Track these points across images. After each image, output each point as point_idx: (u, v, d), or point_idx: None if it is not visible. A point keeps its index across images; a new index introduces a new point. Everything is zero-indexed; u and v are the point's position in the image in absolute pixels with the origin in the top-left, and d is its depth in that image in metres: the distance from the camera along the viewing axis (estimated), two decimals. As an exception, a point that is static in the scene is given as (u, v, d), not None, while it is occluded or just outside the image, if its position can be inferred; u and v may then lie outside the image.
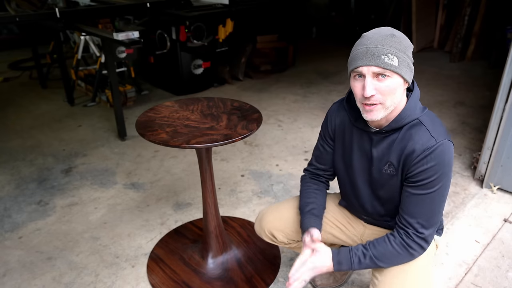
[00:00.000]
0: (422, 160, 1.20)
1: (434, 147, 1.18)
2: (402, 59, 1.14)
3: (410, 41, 1.19)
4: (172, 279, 1.89)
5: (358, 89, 1.19)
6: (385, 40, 1.14)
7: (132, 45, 2.84)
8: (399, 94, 1.18)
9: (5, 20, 3.09)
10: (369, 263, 1.27)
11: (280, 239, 1.59)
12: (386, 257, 1.27)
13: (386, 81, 1.14)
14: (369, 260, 1.26)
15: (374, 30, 1.19)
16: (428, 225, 1.25)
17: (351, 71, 1.19)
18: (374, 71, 1.14)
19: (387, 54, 1.12)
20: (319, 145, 1.51)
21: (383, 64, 1.12)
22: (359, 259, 1.26)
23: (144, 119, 1.70)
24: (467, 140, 3.19)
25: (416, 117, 1.23)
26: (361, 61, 1.15)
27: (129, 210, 2.43)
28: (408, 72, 1.17)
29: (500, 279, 1.88)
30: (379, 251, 1.26)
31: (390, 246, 1.26)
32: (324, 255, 1.29)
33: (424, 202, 1.23)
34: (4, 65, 5.27)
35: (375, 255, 1.26)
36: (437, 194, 1.22)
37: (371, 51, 1.13)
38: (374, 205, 1.41)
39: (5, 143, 3.29)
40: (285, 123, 3.59)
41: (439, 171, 1.19)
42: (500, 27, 4.88)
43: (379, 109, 1.18)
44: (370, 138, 1.31)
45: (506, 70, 2.28)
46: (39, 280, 1.92)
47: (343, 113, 1.40)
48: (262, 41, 4.80)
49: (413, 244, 1.25)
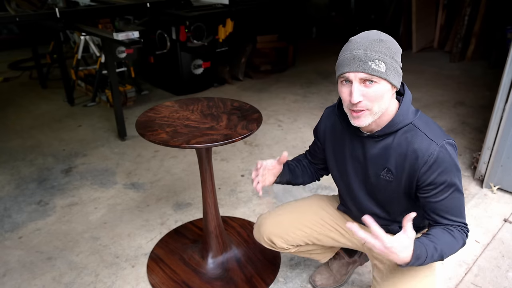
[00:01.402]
0: (430, 168, 1.19)
1: (437, 151, 1.18)
2: (390, 65, 1.13)
3: (398, 45, 1.18)
4: (172, 279, 1.89)
5: (345, 95, 1.18)
6: (372, 45, 1.12)
7: (132, 45, 2.84)
8: (386, 99, 1.17)
9: (5, 20, 3.09)
10: (437, 258, 1.19)
11: (280, 245, 1.59)
12: (450, 250, 1.22)
13: (373, 87, 1.13)
14: (439, 255, 1.18)
15: (361, 35, 1.17)
16: (462, 217, 1.27)
17: (338, 76, 1.18)
18: (361, 77, 1.13)
19: (374, 60, 1.11)
20: (313, 143, 1.57)
21: (370, 70, 1.11)
22: (432, 255, 1.16)
23: (144, 119, 1.70)
24: (467, 140, 3.19)
25: (410, 122, 1.22)
26: (348, 67, 1.13)
27: (129, 210, 2.43)
28: (396, 77, 1.16)
29: (500, 279, 1.88)
30: (446, 245, 1.20)
31: (454, 239, 1.22)
32: (409, 244, 1.10)
33: (451, 201, 1.24)
34: (4, 65, 5.27)
35: (443, 250, 1.19)
36: (458, 190, 1.24)
37: (358, 57, 1.12)
38: (372, 208, 1.40)
39: (5, 143, 3.29)
40: (285, 123, 3.59)
41: (451, 172, 1.20)
42: (500, 27, 4.88)
43: (366, 116, 1.17)
44: (362, 143, 1.31)
45: (506, 70, 2.28)
46: (39, 280, 1.92)
47: (335, 119, 1.40)
48: (262, 41, 4.80)
49: (465, 236, 1.26)
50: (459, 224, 1.26)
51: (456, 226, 1.26)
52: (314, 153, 1.58)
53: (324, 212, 1.59)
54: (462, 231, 1.26)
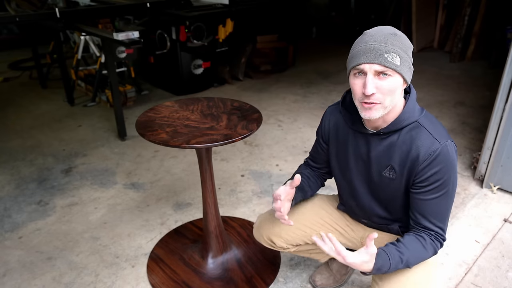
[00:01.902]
0: (429, 164, 1.19)
1: (439, 149, 1.18)
2: (404, 59, 1.13)
3: (410, 41, 1.19)
4: (172, 279, 1.89)
5: (358, 87, 1.17)
6: (388, 38, 1.12)
7: (132, 45, 2.84)
8: (398, 94, 1.18)
9: (5, 20, 3.08)
10: (402, 267, 1.23)
11: (279, 245, 1.59)
12: (417, 259, 1.25)
13: (387, 80, 1.13)
14: (404, 265, 1.23)
15: (376, 28, 1.17)
16: (444, 224, 1.27)
17: (352, 68, 1.17)
18: (376, 69, 1.12)
19: (390, 53, 1.11)
20: (316, 144, 1.53)
21: (386, 62, 1.11)
22: (396, 265, 1.22)
23: (144, 119, 1.70)
24: (467, 140, 3.19)
25: (415, 119, 1.22)
26: (364, 58, 1.13)
27: (129, 210, 2.43)
28: (408, 72, 1.17)
29: (500, 279, 1.88)
30: (413, 255, 1.24)
31: (424, 249, 1.25)
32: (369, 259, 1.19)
33: (438, 204, 1.24)
34: (4, 65, 5.27)
35: (409, 260, 1.23)
36: (448, 194, 1.24)
37: (374, 48, 1.12)
38: (373, 207, 1.40)
39: (5, 143, 3.29)
40: (285, 123, 3.59)
41: (448, 173, 1.20)
42: (500, 27, 4.88)
43: (378, 109, 1.17)
44: (367, 140, 1.30)
45: (506, 70, 2.28)
46: (39, 280, 1.92)
47: (337, 117, 1.40)
48: (262, 41, 4.80)
49: (438, 245, 1.27)
50: (437, 231, 1.26)
51: (433, 233, 1.26)
52: (317, 156, 1.54)
53: (324, 211, 1.59)
54: (436, 240, 1.26)
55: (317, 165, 1.57)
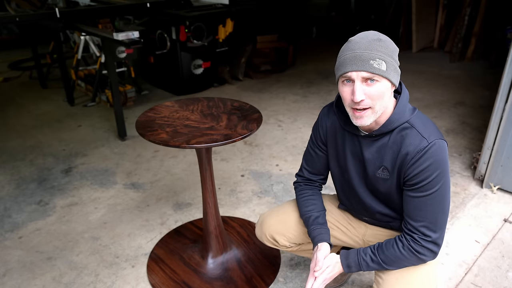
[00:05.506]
0: (417, 161, 1.19)
1: (427, 147, 1.18)
2: (390, 63, 1.15)
3: (395, 44, 1.20)
4: (172, 279, 1.89)
5: (347, 94, 1.19)
6: (372, 44, 1.14)
7: (132, 45, 2.84)
8: (387, 97, 1.19)
9: (5, 20, 3.08)
10: (377, 267, 1.29)
11: (282, 243, 1.59)
12: (395, 262, 1.28)
13: (375, 85, 1.15)
14: (377, 265, 1.29)
15: (360, 35, 1.18)
16: (435, 228, 1.23)
17: (340, 76, 1.19)
18: (363, 76, 1.14)
19: (376, 59, 1.13)
20: (310, 150, 1.50)
21: (372, 69, 1.13)
22: (367, 263, 1.29)
23: (144, 119, 1.70)
24: (467, 140, 3.19)
25: (406, 120, 1.23)
26: (350, 66, 1.14)
27: (129, 210, 2.43)
28: (395, 76, 1.18)
29: (500, 279, 1.88)
30: (387, 257, 1.28)
31: (399, 252, 1.26)
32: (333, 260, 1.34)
33: (426, 204, 1.22)
34: (4, 65, 5.27)
35: (383, 260, 1.28)
36: (438, 194, 1.21)
37: (359, 56, 1.13)
38: (374, 205, 1.40)
39: (5, 143, 3.29)
40: (285, 123, 3.59)
41: (436, 171, 1.19)
42: (500, 27, 4.88)
43: (368, 115, 1.18)
44: (360, 142, 1.32)
45: (506, 70, 2.28)
46: (39, 280, 1.92)
47: (333, 117, 1.40)
48: (262, 41, 4.80)
49: (421, 249, 1.24)
50: (423, 232, 1.22)
51: (420, 235, 1.23)
52: (314, 164, 1.51)
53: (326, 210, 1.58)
54: (417, 243, 1.23)
55: (315, 171, 1.53)
